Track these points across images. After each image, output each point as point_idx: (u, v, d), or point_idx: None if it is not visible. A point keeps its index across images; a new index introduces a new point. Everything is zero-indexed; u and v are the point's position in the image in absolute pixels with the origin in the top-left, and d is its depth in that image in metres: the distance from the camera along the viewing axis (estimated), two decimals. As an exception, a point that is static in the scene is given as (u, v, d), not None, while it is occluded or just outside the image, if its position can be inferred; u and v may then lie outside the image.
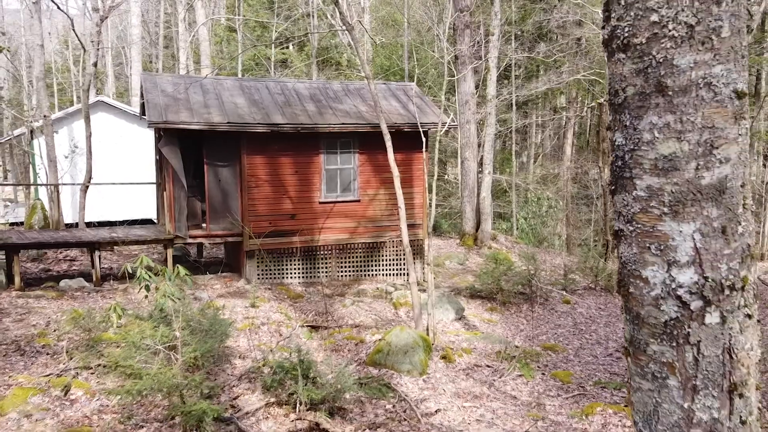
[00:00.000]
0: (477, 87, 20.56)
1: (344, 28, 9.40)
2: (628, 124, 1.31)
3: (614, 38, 1.21)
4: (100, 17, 14.37)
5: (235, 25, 30.59)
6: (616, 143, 1.30)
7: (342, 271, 13.11)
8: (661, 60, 1.12)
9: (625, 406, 7.25)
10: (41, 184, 14.47)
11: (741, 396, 1.17)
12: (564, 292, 13.38)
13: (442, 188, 25.89)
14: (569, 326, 11.27)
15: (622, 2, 1.19)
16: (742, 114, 1.23)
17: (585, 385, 8.26)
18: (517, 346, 9.68)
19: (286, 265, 12.59)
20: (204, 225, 12.43)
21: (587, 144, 30.74)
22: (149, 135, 17.85)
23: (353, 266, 13.21)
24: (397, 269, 13.51)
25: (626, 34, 1.19)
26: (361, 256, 13.23)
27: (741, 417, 1.20)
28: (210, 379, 7.16)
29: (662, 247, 1.22)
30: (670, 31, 1.13)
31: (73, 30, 11.53)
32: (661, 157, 1.16)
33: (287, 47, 34.81)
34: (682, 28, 1.11)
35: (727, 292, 1.21)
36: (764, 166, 36.56)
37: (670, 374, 1.17)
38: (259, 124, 11.62)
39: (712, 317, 1.23)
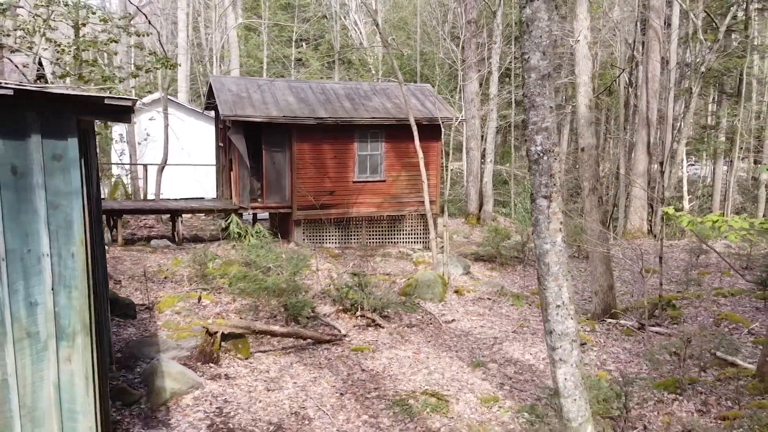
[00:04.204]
0: (480, 85, 23.42)
1: (382, 44, 12.23)
2: (528, 113, 4.23)
3: (525, 93, 4.13)
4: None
5: (256, 26, 33.60)
6: (526, 117, 4.25)
7: (370, 239, 16.04)
8: (534, 99, 4.06)
9: (589, 319, 10.16)
10: (130, 164, 17.37)
11: (554, 177, 4.09)
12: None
13: (447, 177, 28.73)
14: (553, 280, 14.17)
15: (526, 85, 4.12)
16: (552, 111, 4.16)
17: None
18: (511, 290, 12.59)
19: (326, 232, 15.51)
20: (260, 199, 15.35)
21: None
22: (201, 126, 20.77)
23: (379, 234, 16.14)
24: (414, 238, 16.43)
25: (527, 93, 4.12)
26: (385, 227, 16.15)
27: (555, 184, 4.15)
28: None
29: (535, 140, 4.15)
30: (534, 92, 4.06)
31: (159, 42, 14.32)
32: (534, 120, 4.09)
33: (301, 46, 37.90)
34: (538, 91, 4.04)
35: (550, 152, 4.15)
36: (755, 162, 39.13)
37: (536, 172, 4.09)
38: (307, 117, 14.52)
39: (541, 160, 4.15)
